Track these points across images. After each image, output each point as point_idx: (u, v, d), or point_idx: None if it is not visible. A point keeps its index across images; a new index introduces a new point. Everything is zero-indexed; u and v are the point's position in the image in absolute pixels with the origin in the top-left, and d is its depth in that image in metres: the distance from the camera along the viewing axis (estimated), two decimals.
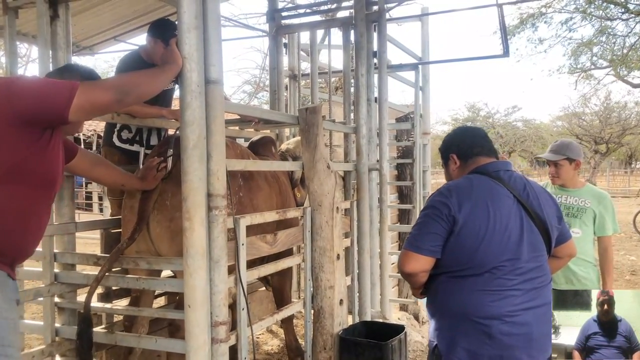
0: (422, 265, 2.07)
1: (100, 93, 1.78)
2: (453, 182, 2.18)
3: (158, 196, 2.56)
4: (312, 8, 4.87)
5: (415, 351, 4.26)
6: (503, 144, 33.41)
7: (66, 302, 2.66)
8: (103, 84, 1.87)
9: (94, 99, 1.76)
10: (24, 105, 1.69)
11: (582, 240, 3.04)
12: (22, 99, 1.69)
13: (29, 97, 1.70)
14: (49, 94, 1.71)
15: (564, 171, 3.17)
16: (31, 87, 1.75)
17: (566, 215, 3.06)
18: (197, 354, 2.06)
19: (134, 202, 2.61)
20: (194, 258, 2.03)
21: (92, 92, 1.76)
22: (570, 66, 18.52)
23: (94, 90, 1.78)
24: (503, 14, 3.84)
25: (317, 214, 2.98)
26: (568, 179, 3.19)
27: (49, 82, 1.80)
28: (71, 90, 1.71)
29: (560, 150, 3.18)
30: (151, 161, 2.57)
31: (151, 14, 4.71)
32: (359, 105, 3.69)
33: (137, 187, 2.54)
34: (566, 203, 3.16)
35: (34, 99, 1.70)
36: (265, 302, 4.49)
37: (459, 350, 2.00)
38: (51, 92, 1.72)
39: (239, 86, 13.84)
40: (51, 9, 2.64)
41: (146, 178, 2.52)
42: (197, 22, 2.02)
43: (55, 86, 1.74)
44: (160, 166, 2.54)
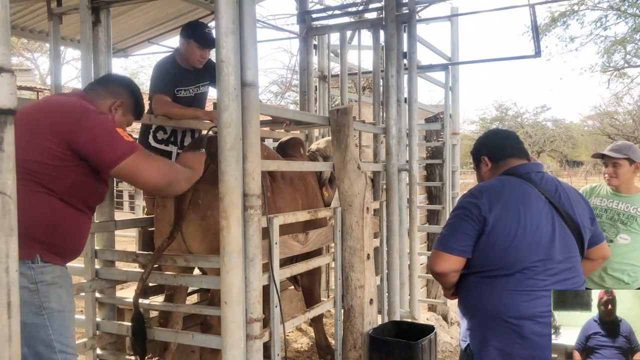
0: (453, 265, 2.09)
1: (150, 172, 1.98)
2: (484, 183, 2.20)
3: (191, 195, 2.62)
4: (342, 9, 4.89)
5: (444, 352, 4.26)
6: (532, 144, 32.87)
7: (106, 297, 2.76)
8: (158, 167, 2.02)
9: (141, 172, 1.96)
10: (82, 145, 1.88)
11: (631, 247, 2.99)
12: (83, 138, 1.87)
13: (89, 139, 1.88)
14: (103, 147, 1.89)
15: (622, 171, 3.09)
16: (96, 130, 1.90)
17: (614, 221, 3.02)
18: (233, 350, 2.11)
19: (167, 200, 2.68)
20: (231, 256, 2.09)
21: (143, 164, 1.95)
22: (603, 64, 18.13)
23: (146, 164, 1.97)
24: (535, 14, 3.81)
25: (347, 214, 3.02)
26: (625, 181, 3.11)
27: (112, 135, 1.94)
28: (125, 152, 1.91)
29: (621, 149, 3.10)
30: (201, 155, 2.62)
31: (184, 16, 4.80)
32: (389, 106, 3.71)
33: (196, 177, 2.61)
34: (616, 209, 3.08)
35: (91, 143, 1.88)
36: (295, 301, 4.54)
37: (491, 350, 2.01)
38: (106, 146, 1.90)
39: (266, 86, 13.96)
40: (93, 15, 2.74)
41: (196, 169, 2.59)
42: (234, 27, 2.08)
43: (115, 141, 1.91)
44: None
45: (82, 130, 1.88)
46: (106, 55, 2.82)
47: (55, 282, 1.91)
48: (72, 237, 2.02)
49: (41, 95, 11.86)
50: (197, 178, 2.25)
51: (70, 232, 2.00)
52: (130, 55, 5.85)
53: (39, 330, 1.84)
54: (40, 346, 1.84)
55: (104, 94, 2.16)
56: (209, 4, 4.21)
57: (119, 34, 5.07)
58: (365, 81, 7.65)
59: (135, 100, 2.26)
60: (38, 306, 1.85)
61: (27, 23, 4.61)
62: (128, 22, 4.76)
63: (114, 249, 2.82)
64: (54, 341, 1.87)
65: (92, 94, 2.14)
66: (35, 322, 1.84)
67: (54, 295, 1.89)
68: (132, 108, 2.25)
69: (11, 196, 0.99)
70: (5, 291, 0.97)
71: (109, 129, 1.94)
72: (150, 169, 1.98)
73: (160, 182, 2.01)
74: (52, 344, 1.86)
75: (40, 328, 1.84)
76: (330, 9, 5.58)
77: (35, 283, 1.85)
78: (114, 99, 2.16)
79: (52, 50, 3.43)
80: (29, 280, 1.83)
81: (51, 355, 1.86)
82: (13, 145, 0.98)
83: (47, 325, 1.86)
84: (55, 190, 1.89)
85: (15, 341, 0.99)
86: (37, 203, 1.85)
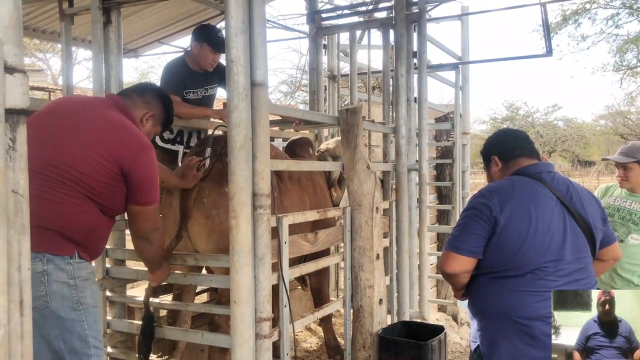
0: (464, 266, 2.08)
1: (147, 224, 2.17)
2: (494, 184, 2.18)
3: (196, 194, 2.63)
4: (352, 9, 4.89)
5: (454, 352, 4.24)
6: (543, 143, 32.63)
7: (117, 296, 2.78)
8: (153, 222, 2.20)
9: (143, 222, 2.15)
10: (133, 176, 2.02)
11: None
12: (135, 171, 2.02)
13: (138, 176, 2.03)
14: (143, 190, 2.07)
15: (633, 174, 3.06)
16: (146, 171, 2.07)
17: (626, 221, 2.99)
18: (242, 349, 2.12)
19: (173, 199, 2.69)
20: (240, 255, 2.10)
21: (148, 217, 2.15)
22: (616, 63, 17.96)
23: (151, 217, 2.17)
24: (546, 12, 3.78)
25: (356, 214, 3.01)
26: (637, 183, 3.10)
27: (154, 182, 2.12)
28: (150, 203, 2.11)
29: (630, 152, 3.07)
30: (190, 160, 2.64)
31: (194, 16, 4.83)
32: (399, 106, 3.71)
33: (177, 184, 2.64)
34: (629, 208, 3.05)
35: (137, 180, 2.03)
36: (304, 300, 4.55)
37: (501, 351, 2.00)
38: (145, 190, 2.08)
39: (275, 86, 13.98)
40: (104, 15, 2.76)
41: (186, 176, 2.61)
42: (243, 27, 2.08)
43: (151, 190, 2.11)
44: (200, 165, 2.61)
45: (139, 164, 2.03)
46: (117, 55, 2.84)
47: (89, 277, 2.00)
48: (101, 241, 2.16)
49: (53, 95, 11.90)
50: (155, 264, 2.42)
51: (101, 237, 2.13)
52: (140, 56, 5.89)
53: (76, 326, 1.90)
54: (76, 341, 1.90)
55: (139, 103, 2.23)
56: (219, 4, 4.22)
57: (130, 35, 5.10)
58: (375, 81, 7.63)
59: (167, 113, 2.35)
60: (76, 301, 1.91)
61: (39, 24, 4.66)
62: (138, 23, 4.78)
63: (124, 248, 2.84)
64: (89, 336, 1.93)
65: (128, 102, 2.20)
66: (73, 317, 1.90)
67: (89, 290, 1.97)
68: (162, 120, 2.34)
69: (24, 195, 1.00)
70: (18, 289, 0.98)
71: (156, 175, 2.12)
72: (149, 221, 2.16)
73: (146, 233, 2.18)
74: (87, 338, 1.92)
75: (77, 323, 1.90)
76: (339, 8, 5.58)
77: (74, 278, 1.92)
78: (147, 110, 2.23)
79: (64, 50, 3.46)
80: (68, 276, 1.90)
81: (85, 349, 1.92)
82: (25, 145, 0.99)
83: (84, 321, 1.92)
84: (100, 204, 2.00)
85: (28, 339, 1.00)
86: (82, 210, 1.96)
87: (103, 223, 2.07)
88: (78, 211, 1.94)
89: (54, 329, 1.87)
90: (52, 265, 1.87)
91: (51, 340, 1.87)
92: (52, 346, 1.87)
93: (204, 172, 2.63)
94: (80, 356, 1.91)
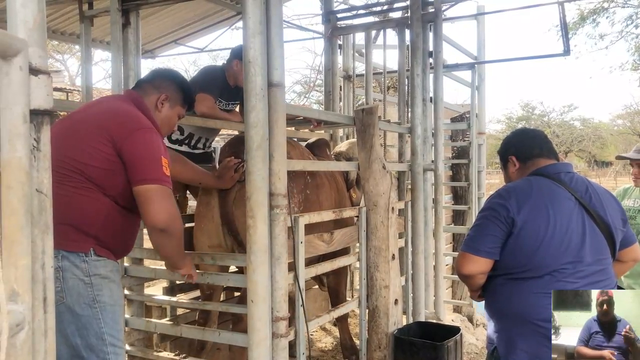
0: (480, 267, 2.06)
1: (161, 211, 1.95)
2: (512, 184, 2.16)
3: (236, 194, 2.65)
4: (367, 9, 4.89)
5: (470, 353, 4.22)
6: (559, 143, 32.30)
7: (135, 294, 2.81)
8: (168, 210, 1.98)
9: (153, 205, 1.94)
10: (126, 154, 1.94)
11: None
12: (129, 149, 1.94)
13: (133, 152, 1.95)
14: (141, 165, 1.95)
15: None
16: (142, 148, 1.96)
17: None
18: (259, 347, 2.13)
19: (211, 198, 2.72)
20: (257, 255, 2.11)
21: (158, 200, 1.94)
22: (634, 62, 17.68)
23: (161, 201, 1.95)
24: (564, 11, 3.75)
25: (372, 214, 3.01)
26: None
27: (153, 158, 1.97)
28: (153, 179, 1.94)
29: None
30: (228, 161, 2.65)
31: (210, 17, 4.86)
32: (414, 106, 3.70)
33: (214, 185, 2.67)
34: None
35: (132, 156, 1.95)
36: (319, 300, 4.55)
37: (519, 353, 1.99)
38: (143, 165, 1.95)
39: (290, 86, 14.03)
40: (123, 17, 2.80)
41: (223, 177, 2.63)
42: (261, 28, 2.09)
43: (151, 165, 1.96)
44: (238, 167, 2.62)
45: (132, 141, 1.95)
46: (135, 56, 2.87)
47: (108, 276, 1.99)
48: (122, 235, 2.10)
49: (70, 96, 12.09)
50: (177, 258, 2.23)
51: (121, 231, 2.08)
52: (157, 56, 5.94)
53: (92, 322, 1.92)
54: (92, 338, 1.91)
55: (150, 90, 2.20)
56: (235, 4, 4.24)
57: (147, 36, 5.15)
58: (390, 81, 7.62)
59: (182, 90, 2.27)
60: (92, 299, 1.92)
61: (58, 26, 4.72)
62: (156, 24, 4.83)
63: (142, 247, 2.87)
64: (106, 334, 1.94)
65: (141, 92, 2.19)
66: (88, 314, 1.91)
67: (107, 289, 1.97)
68: (179, 99, 2.26)
69: (47, 194, 1.01)
70: (42, 287, 1.00)
71: (155, 152, 1.98)
72: (162, 207, 1.95)
73: (161, 223, 1.96)
74: (104, 336, 1.93)
75: (93, 320, 1.92)
76: (355, 8, 5.57)
77: (90, 276, 1.92)
78: (159, 94, 2.20)
79: (84, 51, 3.50)
80: (84, 273, 1.91)
81: (102, 347, 1.93)
82: (49, 145, 1.01)
83: (100, 319, 1.93)
84: (109, 193, 1.97)
85: (51, 336, 1.01)
86: (90, 200, 1.94)
87: (117, 214, 2.01)
88: (87, 201, 1.93)
89: (70, 325, 1.89)
90: (68, 262, 1.88)
91: (68, 335, 1.89)
92: (69, 342, 1.89)
93: (243, 173, 2.63)
94: (97, 352, 1.93)
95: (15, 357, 0.88)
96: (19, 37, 0.91)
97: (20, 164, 0.90)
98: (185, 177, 2.69)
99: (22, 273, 0.91)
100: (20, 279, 0.91)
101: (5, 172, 0.90)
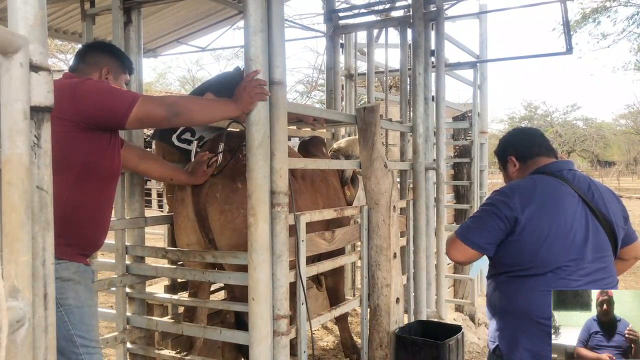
0: (468, 257, 2.10)
1: (156, 108, 1.96)
2: (516, 182, 2.15)
3: (208, 189, 2.62)
4: (369, 8, 4.88)
5: (471, 352, 4.21)
6: (562, 143, 32.26)
7: (136, 292, 2.81)
8: (161, 101, 2.01)
9: (150, 113, 1.95)
10: (88, 112, 1.86)
11: None
12: (86, 105, 1.86)
13: (91, 104, 1.87)
14: (110, 104, 1.89)
15: None
16: (95, 93, 1.90)
17: None
18: (260, 345, 2.13)
19: (185, 195, 2.69)
20: (258, 252, 2.11)
21: (149, 105, 1.95)
22: (637, 62, 17.65)
23: (151, 104, 1.95)
24: (567, 9, 3.73)
25: (374, 213, 3.01)
26: None
27: (112, 92, 1.94)
28: (131, 102, 1.89)
29: None
30: (201, 156, 2.63)
31: (213, 16, 4.85)
32: (416, 104, 3.69)
33: (186, 181, 2.61)
34: None
35: (96, 106, 1.87)
36: (320, 299, 4.55)
37: (521, 351, 1.98)
38: (113, 102, 1.89)
39: (292, 85, 14.04)
40: (125, 15, 2.80)
41: (196, 173, 2.58)
42: (262, 26, 2.09)
43: (117, 96, 1.91)
44: (211, 161, 2.59)
45: (84, 95, 1.87)
46: (137, 55, 2.87)
47: (71, 278, 1.92)
48: (90, 225, 2.01)
49: None
50: (233, 112, 2.10)
51: (88, 219, 1.99)
52: (159, 55, 5.93)
53: (59, 326, 1.83)
54: (61, 341, 1.86)
55: (87, 70, 2.13)
56: (237, 3, 4.24)
57: (149, 34, 5.14)
58: (392, 79, 7.61)
59: (118, 58, 2.23)
60: (55, 303, 1.86)
61: (60, 24, 4.72)
62: (157, 23, 4.82)
63: (144, 245, 2.87)
64: (74, 336, 1.90)
65: (79, 74, 2.10)
66: None
67: (71, 291, 1.91)
68: (120, 67, 2.22)
69: (48, 191, 1.02)
70: (42, 283, 1.00)
71: (107, 87, 1.95)
72: (155, 106, 1.95)
73: (167, 113, 1.95)
74: (73, 338, 1.90)
75: (60, 323, 1.85)
76: (357, 7, 5.57)
77: None
78: (99, 69, 2.15)
79: None
80: None
81: (73, 349, 1.90)
82: (50, 141, 1.01)
83: (67, 321, 1.88)
84: (66, 177, 1.85)
85: (51, 332, 1.02)
86: None
87: (81, 205, 1.92)
88: None
89: None
90: None
91: None
92: None
93: (217, 167, 2.61)
94: (68, 355, 1.89)
95: (16, 353, 0.89)
96: (20, 34, 0.91)
97: (20, 160, 0.90)
98: (154, 173, 2.64)
99: (23, 269, 0.92)
100: (20, 275, 0.91)
101: (5, 168, 0.90)
